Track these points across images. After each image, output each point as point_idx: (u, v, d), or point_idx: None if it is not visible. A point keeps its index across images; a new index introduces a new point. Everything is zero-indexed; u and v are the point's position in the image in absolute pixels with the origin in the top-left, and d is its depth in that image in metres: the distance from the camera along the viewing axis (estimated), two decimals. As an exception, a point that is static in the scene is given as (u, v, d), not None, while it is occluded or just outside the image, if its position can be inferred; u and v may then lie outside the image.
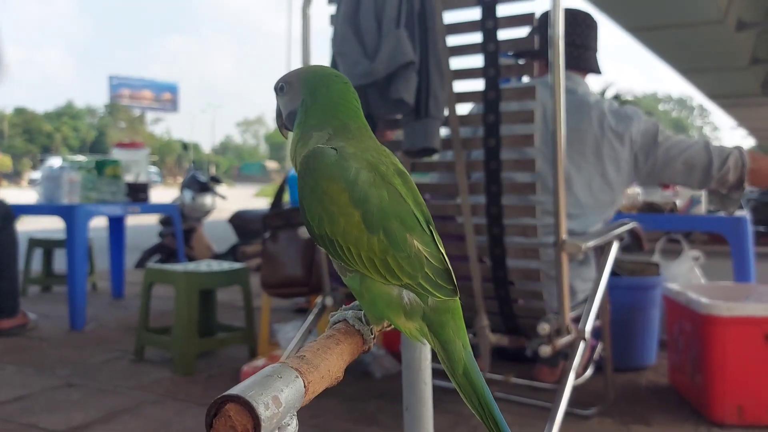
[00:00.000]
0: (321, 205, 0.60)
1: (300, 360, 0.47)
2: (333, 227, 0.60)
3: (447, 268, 0.64)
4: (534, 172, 1.85)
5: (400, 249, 0.61)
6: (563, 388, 1.75)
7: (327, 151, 0.62)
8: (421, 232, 0.64)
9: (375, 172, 0.63)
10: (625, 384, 2.70)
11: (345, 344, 0.55)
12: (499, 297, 1.95)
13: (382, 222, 0.61)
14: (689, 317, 2.44)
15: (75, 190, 4.01)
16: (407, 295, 0.62)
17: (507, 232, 1.89)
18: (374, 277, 0.61)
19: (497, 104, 1.81)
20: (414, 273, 0.62)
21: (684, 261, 3.40)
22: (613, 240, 1.99)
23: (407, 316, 0.63)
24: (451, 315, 0.65)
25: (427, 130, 1.84)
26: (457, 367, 0.64)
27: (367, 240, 0.60)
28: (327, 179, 0.60)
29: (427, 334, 0.64)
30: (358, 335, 0.61)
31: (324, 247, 0.62)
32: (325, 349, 0.51)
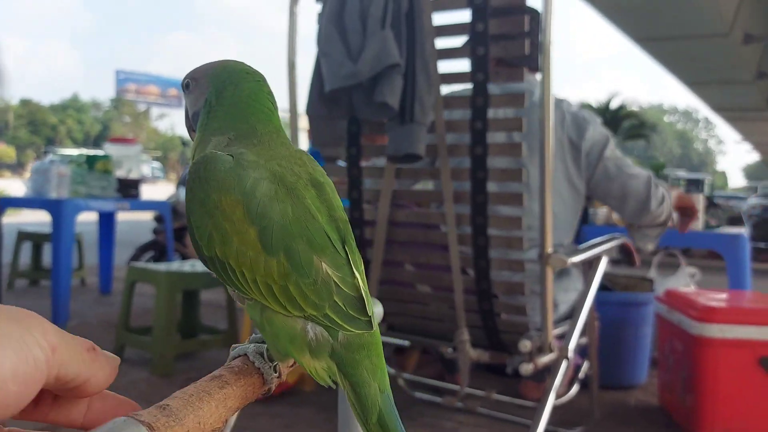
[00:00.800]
0: (211, 221, 0.51)
1: (159, 411, 0.38)
2: (224, 247, 0.51)
3: (361, 296, 0.54)
4: (521, 182, 1.78)
5: (304, 274, 0.51)
6: (543, 407, 1.68)
7: (221, 157, 0.53)
8: (332, 254, 0.53)
9: (280, 184, 0.53)
10: (613, 402, 2.63)
11: (234, 387, 0.45)
12: (483, 310, 1.88)
13: (283, 241, 0.51)
14: (680, 337, 2.37)
15: (64, 184, 3.95)
16: (313, 329, 0.52)
17: (492, 243, 1.82)
18: (273, 306, 0.52)
19: (485, 111, 1.74)
20: (320, 302, 0.52)
21: (680, 277, 3.32)
22: (602, 255, 1.92)
23: (313, 354, 0.53)
24: (367, 352, 0.54)
25: (412, 135, 1.77)
26: (370, 415, 0.53)
27: (264, 263, 0.51)
28: (219, 190, 0.51)
29: (336, 375, 0.54)
30: (256, 374, 0.51)
31: (215, 271, 0.52)
32: (202, 394, 0.41)
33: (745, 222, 9.16)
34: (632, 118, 29.52)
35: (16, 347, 0.33)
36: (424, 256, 1.97)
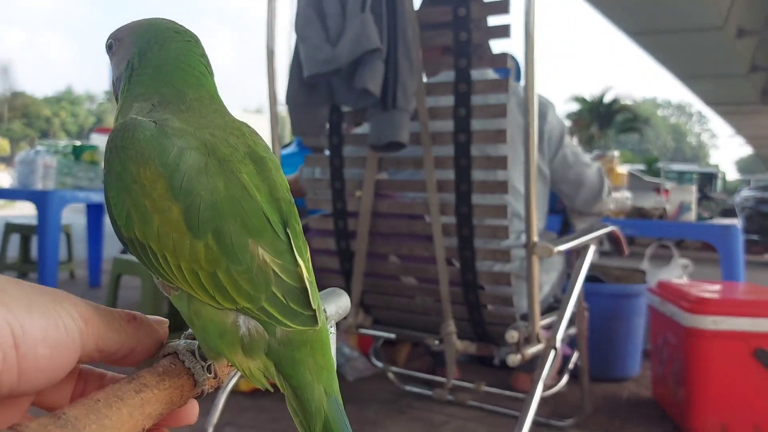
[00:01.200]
0: (129, 197, 0.44)
1: (52, 421, 0.32)
2: (145, 227, 0.44)
3: (304, 287, 0.47)
4: (506, 169, 1.73)
5: (237, 260, 0.44)
6: (531, 399, 1.63)
7: (141, 124, 0.46)
8: (272, 238, 0.46)
9: (210, 155, 0.46)
10: (606, 395, 2.59)
11: (154, 390, 0.38)
12: (469, 302, 1.84)
13: (212, 222, 0.44)
14: (673, 329, 2.33)
15: (50, 176, 3.89)
16: (246, 323, 0.45)
17: (477, 233, 1.77)
18: (201, 297, 0.44)
19: (468, 97, 1.69)
20: (255, 293, 0.45)
21: (673, 269, 3.29)
22: (590, 243, 1.88)
23: (246, 352, 0.45)
24: (310, 350, 0.47)
25: (394, 122, 1.72)
26: (314, 422, 0.46)
27: (189, 246, 0.44)
28: (138, 161, 0.44)
29: (274, 376, 0.46)
30: (185, 375, 0.44)
31: (136, 255, 0.45)
32: (112, 400, 0.35)
33: (738, 214, 9.14)
34: (626, 112, 29.53)
35: (44, 312, 0.32)
36: (408, 247, 1.92)
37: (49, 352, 0.32)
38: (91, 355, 0.36)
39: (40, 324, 0.32)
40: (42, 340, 0.32)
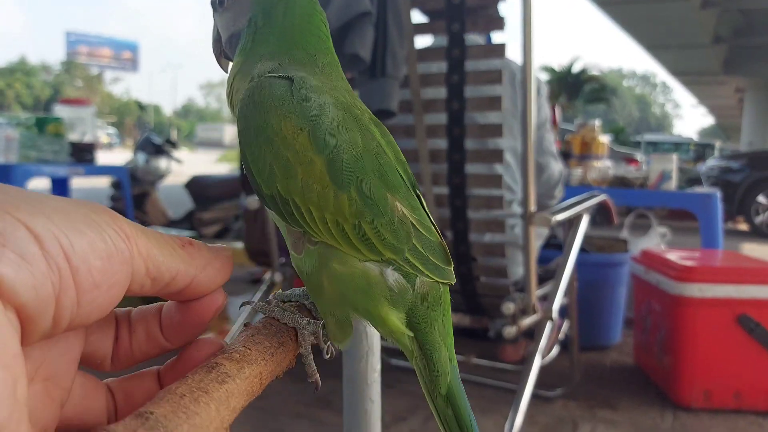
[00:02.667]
0: (271, 151, 0.43)
1: (140, 423, 0.27)
2: (288, 181, 0.43)
3: (442, 242, 0.47)
4: (501, 137, 1.69)
5: (379, 212, 0.44)
6: (528, 371, 1.61)
7: (278, 80, 0.45)
8: (407, 194, 0.46)
9: (347, 112, 0.45)
10: (589, 363, 2.60)
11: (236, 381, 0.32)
12: (461, 274, 1.80)
13: (354, 174, 0.44)
14: (659, 297, 2.33)
15: (12, 148, 3.71)
16: (391, 275, 0.44)
17: (470, 204, 1.73)
18: (346, 249, 0.43)
19: (462, 63, 1.63)
20: (399, 245, 0.44)
21: (652, 237, 3.31)
22: (583, 213, 1.85)
23: (392, 304, 0.44)
24: (441, 311, 0.47)
25: (384, 90, 1.65)
26: (441, 385, 0.46)
27: (333, 198, 0.43)
28: (280, 114, 0.43)
29: (408, 333, 0.46)
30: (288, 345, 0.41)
31: (276, 211, 0.44)
32: (199, 395, 0.29)
33: (703, 183, 9.30)
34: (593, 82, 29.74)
35: (87, 223, 0.28)
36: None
37: (101, 263, 0.27)
38: (142, 282, 0.30)
39: (86, 234, 0.28)
40: (91, 251, 0.27)
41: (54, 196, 0.29)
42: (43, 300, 0.25)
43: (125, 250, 0.29)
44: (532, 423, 1.98)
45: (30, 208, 0.26)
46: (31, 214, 0.26)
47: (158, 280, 0.32)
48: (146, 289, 0.31)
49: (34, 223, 0.26)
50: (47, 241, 0.26)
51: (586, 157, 3.29)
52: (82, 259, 0.27)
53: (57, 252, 0.26)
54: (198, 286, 0.34)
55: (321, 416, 2.01)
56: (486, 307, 1.82)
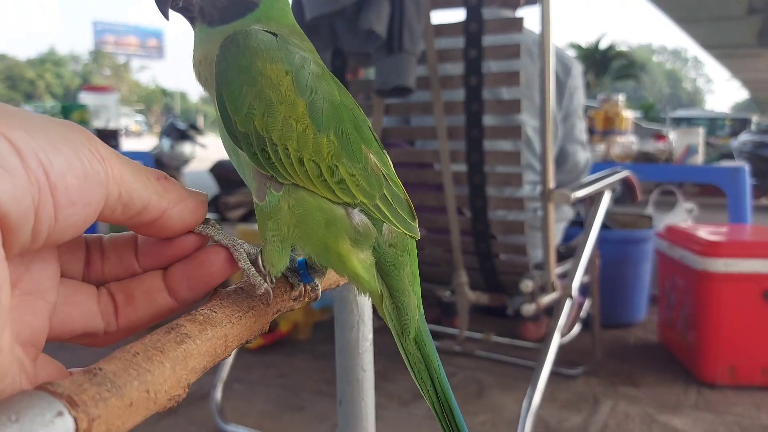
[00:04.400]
0: (253, 90, 0.44)
1: (87, 378, 0.27)
2: (268, 119, 0.43)
3: (408, 200, 0.48)
4: (519, 113, 1.67)
5: (354, 158, 0.45)
6: (547, 348, 1.61)
7: (261, 32, 0.46)
8: (377, 148, 0.47)
9: (324, 70, 0.47)
10: (612, 341, 2.58)
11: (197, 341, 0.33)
12: (480, 252, 1.80)
13: (333, 120, 0.45)
14: (683, 273, 2.30)
15: (39, 137, 3.78)
16: (357, 216, 0.45)
17: (489, 181, 1.72)
18: (319, 189, 0.44)
19: (480, 37, 1.61)
20: (371, 190, 0.45)
21: (677, 213, 3.25)
22: (605, 190, 1.83)
23: (354, 243, 0.45)
24: (409, 258, 0.48)
25: (400, 66, 1.64)
26: (409, 328, 0.47)
27: (313, 138, 0.44)
28: (266, 58, 0.44)
29: (374, 276, 0.46)
30: (259, 310, 0.41)
31: (248, 150, 0.44)
32: (153, 353, 0.30)
33: (736, 158, 9.10)
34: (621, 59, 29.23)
35: (64, 141, 0.28)
36: (417, 196, 1.87)
37: (77, 182, 0.28)
38: (113, 207, 0.31)
39: (63, 152, 0.28)
40: (68, 169, 0.28)
41: (34, 114, 0.29)
42: (23, 211, 0.26)
43: (100, 171, 0.29)
44: (553, 400, 1.98)
45: (11, 122, 0.27)
46: (12, 128, 0.26)
47: (129, 207, 0.32)
48: (117, 215, 0.32)
49: (15, 137, 0.26)
50: (27, 155, 0.26)
51: (609, 132, 3.24)
52: (59, 175, 0.27)
53: (36, 166, 0.26)
54: (168, 221, 0.35)
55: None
56: (505, 285, 1.82)
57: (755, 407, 1.95)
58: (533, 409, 1.47)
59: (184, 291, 0.38)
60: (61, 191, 0.27)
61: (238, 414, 1.86)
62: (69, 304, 0.34)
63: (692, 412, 1.90)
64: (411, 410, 1.91)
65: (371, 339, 0.57)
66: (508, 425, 1.81)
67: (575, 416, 1.88)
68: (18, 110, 0.28)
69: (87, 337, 0.35)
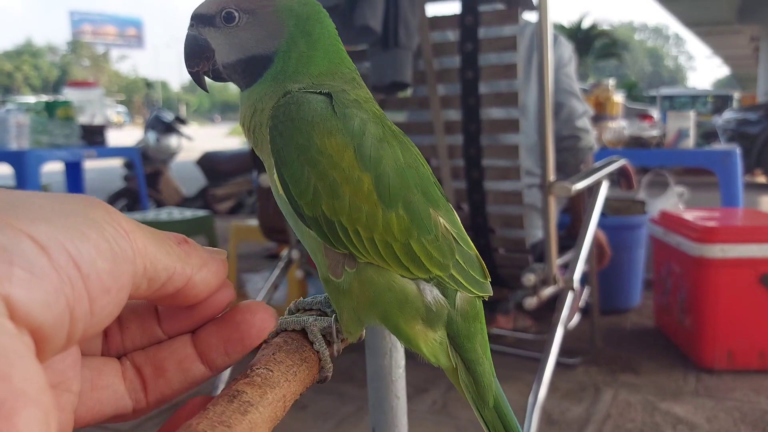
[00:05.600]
0: (316, 172, 0.41)
1: None
2: (334, 202, 0.41)
3: (478, 256, 0.47)
4: (517, 106, 1.65)
5: (425, 229, 0.43)
6: (552, 341, 1.61)
7: (313, 96, 0.42)
8: (446, 207, 0.45)
9: (384, 126, 0.44)
10: (609, 327, 2.60)
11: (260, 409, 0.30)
12: (479, 246, 1.79)
13: (401, 192, 0.42)
14: (679, 259, 2.31)
15: (24, 134, 3.72)
16: (430, 292, 0.43)
17: (487, 175, 1.70)
18: (393, 269, 0.42)
19: (476, 30, 1.60)
20: (444, 261, 0.43)
21: (669, 197, 3.27)
22: (603, 179, 1.82)
23: (428, 323, 0.43)
24: (480, 325, 0.47)
25: (396, 61, 1.62)
26: (488, 398, 0.46)
27: (382, 217, 0.42)
28: (323, 132, 0.41)
29: (446, 351, 0.45)
30: (311, 360, 0.39)
31: (319, 233, 0.42)
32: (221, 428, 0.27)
33: (719, 137, 9.16)
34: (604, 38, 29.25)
35: (87, 223, 0.26)
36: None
37: (108, 266, 0.25)
38: (138, 284, 0.28)
39: (90, 236, 0.25)
40: (98, 254, 0.25)
41: (46, 194, 0.27)
42: (57, 316, 0.23)
43: (128, 248, 0.27)
44: (554, 390, 1.99)
45: (29, 213, 0.24)
46: (32, 221, 0.24)
47: (155, 280, 0.29)
48: (142, 291, 0.29)
49: (37, 232, 0.23)
50: (54, 251, 0.23)
51: (601, 118, 3.23)
52: (90, 264, 0.25)
53: (66, 261, 0.24)
54: (193, 289, 0.32)
55: (344, 390, 2.03)
56: (505, 279, 1.81)
57: (754, 391, 1.97)
58: (539, 402, 1.47)
59: (220, 358, 0.35)
60: (93, 281, 0.25)
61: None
62: (94, 389, 0.32)
63: (693, 399, 1.92)
64: (414, 405, 1.91)
65: (404, 366, 0.55)
66: (511, 418, 1.82)
67: (577, 406, 1.89)
68: (29, 194, 0.26)
69: (115, 418, 0.33)
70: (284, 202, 0.43)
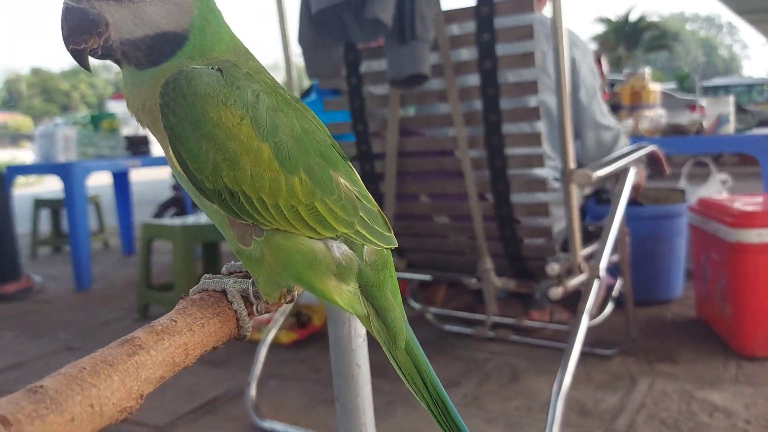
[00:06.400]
0: (214, 145, 0.42)
1: (26, 396, 0.27)
2: (236, 173, 0.42)
3: (380, 211, 0.50)
4: (537, 94, 1.64)
5: (328, 190, 0.45)
6: (576, 331, 1.59)
7: (204, 71, 0.43)
8: (345, 167, 0.48)
9: (277, 95, 0.45)
10: (649, 319, 2.54)
11: (151, 352, 0.33)
12: (504, 237, 1.78)
13: (300, 157, 0.44)
14: (717, 246, 2.25)
15: (71, 147, 3.87)
16: (338, 249, 0.46)
17: (510, 164, 1.70)
18: (301, 231, 0.44)
19: (491, 20, 1.59)
20: (349, 218, 0.46)
21: (711, 185, 3.17)
22: (630, 166, 1.79)
23: (339, 277, 0.46)
24: (389, 273, 0.50)
25: (414, 54, 1.63)
26: (399, 340, 0.49)
27: (285, 183, 0.43)
28: (218, 105, 0.42)
29: (358, 300, 0.48)
30: (226, 316, 0.42)
31: (222, 205, 0.43)
32: (99, 366, 0.30)
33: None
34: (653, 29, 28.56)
35: None
36: (438, 185, 1.86)
37: None
38: None
39: None
40: None
41: None
42: None
43: None
44: (589, 381, 1.96)
45: None
46: None
47: None
48: None
49: None
50: None
51: (637, 107, 3.16)
52: None
53: None
54: None
55: (375, 384, 2.03)
56: (531, 270, 1.80)
57: (798, 380, 1.90)
58: (564, 391, 1.46)
59: None
60: None
61: (274, 409, 1.88)
62: None
63: (731, 387, 1.87)
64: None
65: (364, 335, 0.57)
66: (543, 409, 1.80)
67: (611, 396, 1.86)
68: None
69: None
70: (184, 179, 0.44)
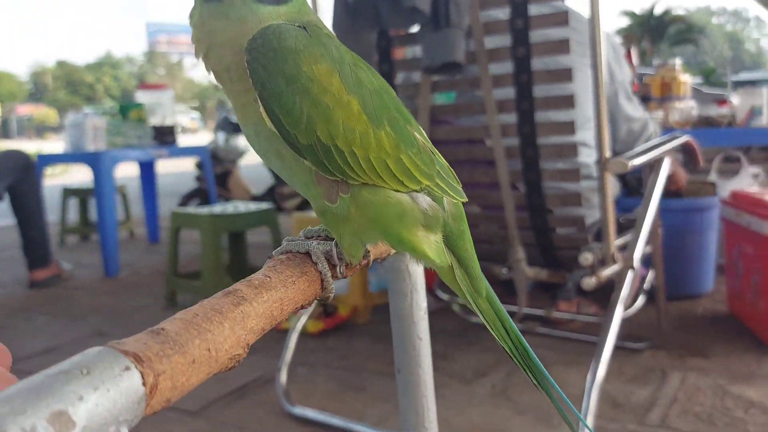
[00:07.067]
0: (307, 99, 0.42)
1: (151, 337, 0.28)
2: (329, 126, 0.42)
3: (447, 164, 0.52)
4: (570, 82, 1.62)
5: (409, 143, 0.47)
6: (610, 321, 1.57)
7: (291, 28, 0.43)
8: (415, 124, 0.49)
9: (351, 54, 0.47)
10: (680, 313, 2.51)
11: (253, 304, 0.34)
12: (536, 227, 1.77)
13: (383, 110, 0.45)
14: (750, 239, 2.21)
15: (100, 136, 3.92)
16: (423, 200, 0.47)
17: (542, 153, 1.68)
18: (388, 185, 0.45)
19: (525, 7, 1.58)
20: (430, 171, 0.47)
21: (743, 179, 3.12)
22: (664, 156, 1.77)
23: (427, 228, 0.48)
24: (465, 224, 0.52)
25: (448, 41, 1.62)
26: (480, 289, 0.51)
27: (374, 136, 0.44)
28: (309, 59, 0.42)
29: (443, 251, 0.49)
30: (312, 275, 0.43)
31: (314, 160, 0.43)
32: (211, 314, 0.31)
33: None
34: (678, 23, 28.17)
35: None
36: (469, 174, 1.85)
37: None
38: None
39: None
40: None
41: None
42: None
43: None
44: (619, 374, 1.94)
45: None
46: None
47: None
48: None
49: None
50: None
51: (667, 98, 3.12)
52: None
53: None
54: None
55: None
56: (563, 260, 1.78)
57: (835, 376, 1.87)
58: (597, 383, 1.44)
59: None
60: None
61: (303, 395, 1.89)
62: None
63: (767, 382, 1.84)
64: (473, 389, 1.90)
65: (425, 307, 0.57)
66: (573, 401, 1.78)
67: (643, 390, 1.84)
68: None
69: None
70: (270, 138, 0.44)
